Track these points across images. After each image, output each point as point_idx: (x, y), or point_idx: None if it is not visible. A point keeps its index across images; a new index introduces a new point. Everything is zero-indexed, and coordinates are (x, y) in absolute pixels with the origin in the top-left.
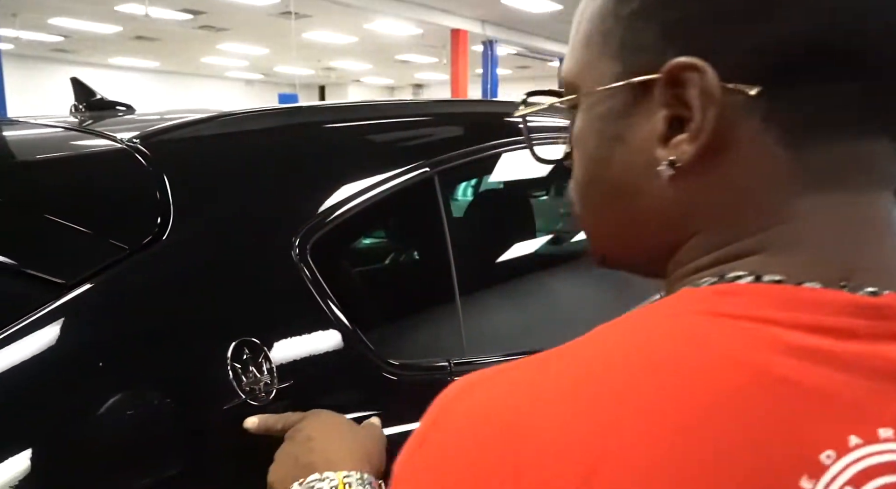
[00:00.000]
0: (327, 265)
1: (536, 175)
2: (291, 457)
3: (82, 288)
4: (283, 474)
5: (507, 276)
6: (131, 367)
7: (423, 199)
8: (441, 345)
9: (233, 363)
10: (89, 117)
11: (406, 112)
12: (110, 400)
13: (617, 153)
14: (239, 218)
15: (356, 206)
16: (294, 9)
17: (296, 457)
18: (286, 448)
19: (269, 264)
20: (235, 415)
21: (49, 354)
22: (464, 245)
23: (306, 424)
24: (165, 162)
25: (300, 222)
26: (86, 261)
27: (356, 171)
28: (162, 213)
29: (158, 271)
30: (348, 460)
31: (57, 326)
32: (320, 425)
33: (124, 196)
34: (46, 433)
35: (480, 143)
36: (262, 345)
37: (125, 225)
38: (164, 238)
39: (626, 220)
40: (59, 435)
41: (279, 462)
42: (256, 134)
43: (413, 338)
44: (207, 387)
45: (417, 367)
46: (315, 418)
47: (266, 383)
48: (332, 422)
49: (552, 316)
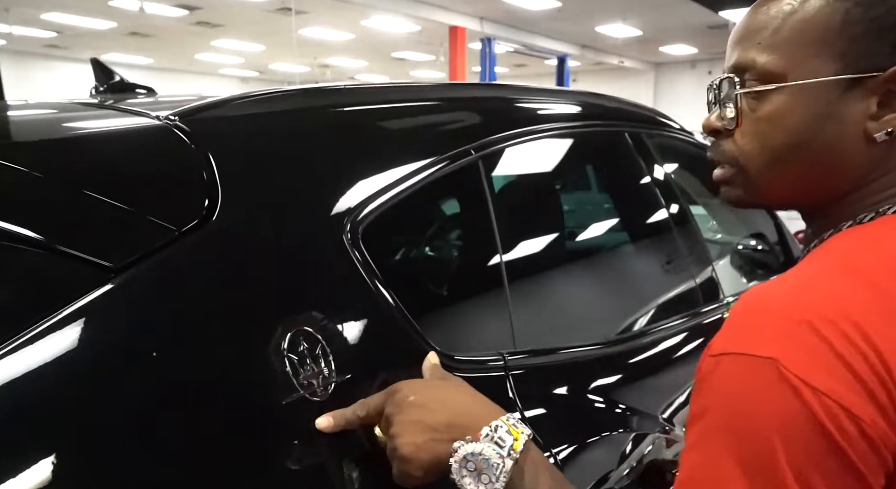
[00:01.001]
0: (378, 251)
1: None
2: (419, 424)
3: (131, 271)
4: (423, 441)
5: (555, 265)
6: (184, 358)
7: (469, 184)
8: (492, 337)
9: (289, 354)
10: (116, 98)
11: (454, 94)
12: (164, 391)
13: (827, 126)
14: (289, 199)
15: (404, 189)
16: (292, 5)
17: (422, 422)
18: (402, 419)
19: (321, 249)
20: (295, 410)
21: (99, 344)
22: (511, 233)
23: (403, 394)
24: (209, 140)
25: (351, 205)
26: (134, 244)
27: (404, 153)
28: (209, 193)
29: (209, 254)
30: (481, 404)
31: (107, 313)
32: (418, 389)
33: (168, 175)
34: (97, 424)
35: (526, 127)
36: (318, 335)
37: (171, 205)
38: (213, 219)
39: (817, 173)
40: (110, 427)
41: (407, 433)
42: (299, 113)
43: (464, 330)
44: (264, 380)
45: (474, 362)
46: (406, 387)
47: (324, 376)
48: (425, 384)
49: (601, 306)
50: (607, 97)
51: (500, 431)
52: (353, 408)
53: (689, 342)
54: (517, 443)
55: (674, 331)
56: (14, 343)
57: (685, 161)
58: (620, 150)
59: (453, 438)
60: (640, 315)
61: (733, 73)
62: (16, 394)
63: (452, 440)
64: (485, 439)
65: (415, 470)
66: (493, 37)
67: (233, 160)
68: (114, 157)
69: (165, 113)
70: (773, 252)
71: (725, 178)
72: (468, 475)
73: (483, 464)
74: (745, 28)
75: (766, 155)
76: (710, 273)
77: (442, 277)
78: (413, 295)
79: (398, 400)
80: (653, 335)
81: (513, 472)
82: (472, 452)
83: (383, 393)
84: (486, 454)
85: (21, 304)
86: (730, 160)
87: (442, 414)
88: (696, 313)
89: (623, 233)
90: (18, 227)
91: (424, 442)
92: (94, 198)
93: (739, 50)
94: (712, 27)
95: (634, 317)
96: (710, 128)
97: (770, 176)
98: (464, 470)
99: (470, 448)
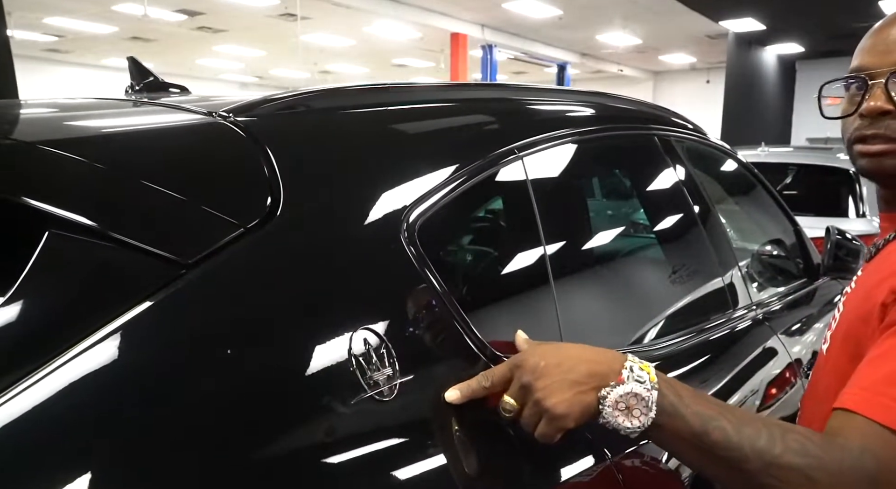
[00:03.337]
0: (433, 250)
1: (631, 163)
2: (564, 382)
3: (202, 267)
4: (572, 395)
5: (599, 265)
6: (256, 356)
7: (513, 184)
8: (541, 336)
9: (354, 353)
10: (158, 95)
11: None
12: (237, 390)
13: None
14: (347, 197)
15: (455, 187)
16: (297, 11)
17: (566, 379)
18: (545, 383)
19: (379, 247)
20: (360, 411)
21: (171, 341)
22: (557, 233)
23: (534, 361)
24: (266, 136)
25: (406, 203)
26: (202, 240)
27: (455, 151)
28: (272, 189)
29: (274, 252)
30: (602, 353)
31: (180, 308)
32: (547, 353)
33: (228, 170)
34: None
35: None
36: (380, 334)
37: (236, 201)
38: (277, 216)
39: None
40: (178, 426)
41: (557, 393)
42: (355, 110)
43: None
44: (332, 380)
45: None
46: (533, 355)
47: (388, 376)
48: (548, 348)
49: (645, 308)
50: (635, 100)
51: (636, 370)
52: (478, 379)
53: (721, 344)
54: (651, 374)
55: (708, 335)
56: (93, 338)
57: (708, 164)
58: (653, 152)
59: (597, 387)
60: (681, 318)
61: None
62: (92, 389)
63: (595, 388)
64: (628, 380)
65: (569, 422)
66: (493, 44)
67: (293, 156)
68: (175, 152)
69: (218, 109)
70: (793, 259)
71: (888, 151)
72: (621, 413)
73: (633, 400)
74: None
75: None
76: (740, 277)
77: (491, 276)
78: (465, 293)
79: (532, 366)
80: (692, 338)
81: (658, 400)
82: (622, 394)
83: (506, 364)
84: (636, 390)
85: (96, 298)
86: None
87: (580, 368)
88: (728, 318)
89: (665, 235)
90: (91, 221)
91: (574, 395)
92: (162, 192)
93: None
94: (711, 36)
95: (676, 320)
96: (881, 109)
97: None
98: (616, 410)
99: (619, 390)
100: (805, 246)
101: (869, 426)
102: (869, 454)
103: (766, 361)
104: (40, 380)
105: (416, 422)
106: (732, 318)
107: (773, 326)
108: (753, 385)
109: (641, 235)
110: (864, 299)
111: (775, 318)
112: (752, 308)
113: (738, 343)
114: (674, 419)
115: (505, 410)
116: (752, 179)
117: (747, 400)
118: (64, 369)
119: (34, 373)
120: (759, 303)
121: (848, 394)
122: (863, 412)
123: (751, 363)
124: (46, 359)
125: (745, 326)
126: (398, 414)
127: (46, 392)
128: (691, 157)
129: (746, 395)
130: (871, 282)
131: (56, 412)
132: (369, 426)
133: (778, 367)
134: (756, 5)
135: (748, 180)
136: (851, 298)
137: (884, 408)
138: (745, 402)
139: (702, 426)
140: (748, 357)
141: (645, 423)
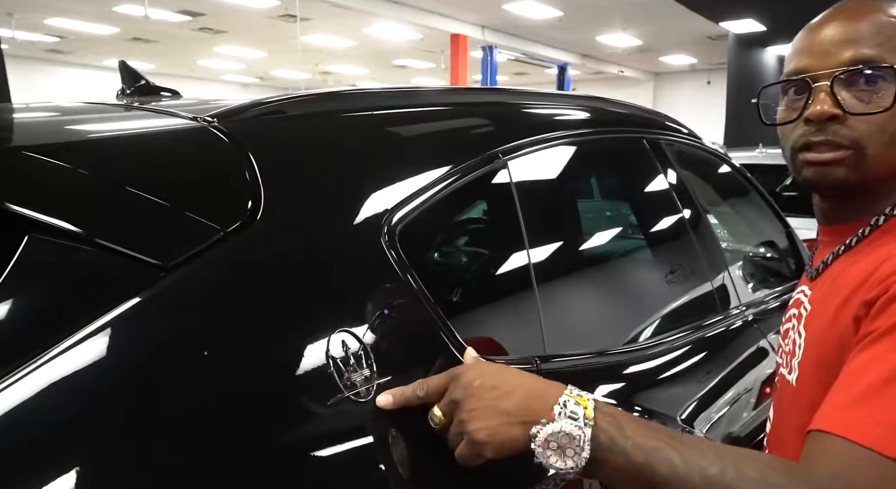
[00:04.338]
0: (414, 253)
1: (618, 167)
2: (492, 409)
3: (182, 270)
4: (497, 425)
5: (584, 268)
6: (234, 358)
7: (498, 188)
8: (522, 340)
9: (331, 355)
10: (147, 100)
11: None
12: (215, 392)
13: None
14: (327, 200)
15: (438, 192)
16: (297, 12)
17: (495, 407)
18: (473, 404)
19: (359, 250)
20: (338, 412)
21: (154, 340)
22: (540, 237)
23: (469, 377)
24: (249, 141)
25: (387, 206)
26: (182, 242)
27: (437, 156)
28: (252, 193)
29: (253, 255)
30: (542, 383)
31: (160, 311)
32: (486, 373)
33: (210, 175)
34: (145, 426)
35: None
36: (359, 336)
37: (216, 205)
38: (257, 220)
39: None
40: (156, 428)
41: (481, 418)
42: (337, 114)
43: (496, 333)
44: (309, 381)
45: (511, 363)
46: (471, 371)
47: (366, 377)
48: (488, 368)
49: (630, 312)
50: (625, 104)
51: (570, 405)
52: (413, 387)
53: (710, 346)
54: (587, 410)
55: (697, 337)
56: (71, 340)
57: (700, 167)
58: (641, 156)
59: (525, 421)
60: (667, 320)
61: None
62: (68, 392)
63: (525, 423)
64: (559, 417)
65: (488, 451)
66: (494, 45)
67: (274, 160)
68: (160, 157)
69: (202, 114)
70: (785, 260)
71: (837, 159)
72: (553, 453)
73: (564, 439)
74: (855, 32)
75: (885, 137)
76: (729, 279)
77: (473, 280)
78: (447, 297)
79: (465, 383)
80: (679, 340)
81: (593, 438)
82: (551, 432)
83: (444, 375)
84: (567, 429)
85: (76, 301)
86: (851, 142)
87: (513, 398)
88: (718, 319)
89: (650, 238)
90: (71, 225)
91: (499, 425)
92: (143, 197)
93: (853, 50)
94: (712, 37)
95: (662, 323)
96: (828, 114)
97: (886, 155)
98: (548, 450)
99: (549, 429)
100: (796, 247)
101: (843, 446)
102: (840, 481)
103: (755, 363)
104: (16, 382)
105: (393, 423)
106: (721, 320)
107: (763, 328)
108: (742, 387)
109: (629, 238)
110: (831, 324)
111: (765, 320)
112: (742, 309)
113: (727, 345)
114: (613, 455)
115: (433, 421)
116: (744, 182)
117: (739, 399)
118: (41, 371)
119: (11, 376)
120: (748, 304)
121: (821, 415)
122: (837, 431)
123: (740, 365)
124: (24, 362)
125: (734, 328)
126: (375, 415)
127: (23, 395)
128: (682, 160)
129: (735, 397)
130: (832, 303)
131: (32, 415)
132: (347, 427)
133: (768, 369)
134: (756, 6)
135: (740, 183)
136: (814, 323)
137: (859, 426)
138: (734, 404)
139: (645, 459)
140: (737, 359)
141: (578, 464)
